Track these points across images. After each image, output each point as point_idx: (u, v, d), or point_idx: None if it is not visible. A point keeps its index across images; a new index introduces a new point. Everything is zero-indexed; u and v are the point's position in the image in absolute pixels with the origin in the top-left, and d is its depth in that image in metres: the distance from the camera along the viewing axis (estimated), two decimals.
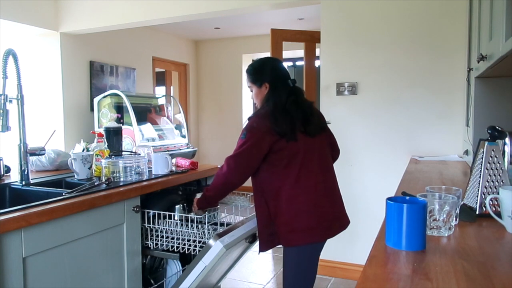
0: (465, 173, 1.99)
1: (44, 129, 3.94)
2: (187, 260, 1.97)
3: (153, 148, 2.42)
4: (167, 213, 1.88)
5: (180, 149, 4.23)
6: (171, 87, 6.01)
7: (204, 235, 1.92)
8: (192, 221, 1.87)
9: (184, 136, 4.53)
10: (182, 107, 4.89)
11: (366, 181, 2.96)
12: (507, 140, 1.41)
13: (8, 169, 2.07)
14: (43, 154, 2.01)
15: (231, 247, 1.67)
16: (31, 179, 1.88)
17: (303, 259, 1.77)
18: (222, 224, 2.06)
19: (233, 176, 1.71)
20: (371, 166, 2.94)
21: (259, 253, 1.82)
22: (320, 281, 2.96)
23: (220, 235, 1.67)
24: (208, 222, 2.01)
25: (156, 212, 1.88)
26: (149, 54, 5.24)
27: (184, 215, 1.88)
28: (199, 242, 1.88)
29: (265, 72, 1.83)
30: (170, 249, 1.88)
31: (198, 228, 1.91)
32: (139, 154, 2.19)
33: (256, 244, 1.84)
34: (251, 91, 1.88)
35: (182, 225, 1.88)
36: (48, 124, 4.03)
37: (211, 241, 1.65)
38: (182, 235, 1.92)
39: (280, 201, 1.71)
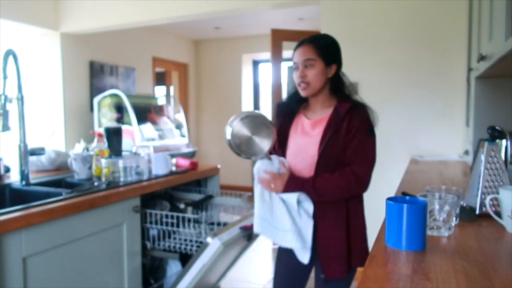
0: (465, 173, 1.99)
1: (44, 129, 3.94)
2: (187, 260, 1.97)
3: (153, 148, 2.42)
4: (165, 212, 1.88)
5: (180, 149, 4.23)
6: (171, 87, 6.01)
7: (201, 234, 1.92)
8: (189, 220, 1.87)
9: (184, 136, 4.53)
10: (182, 107, 4.88)
11: None
12: (507, 140, 1.41)
13: (8, 169, 2.07)
14: (43, 154, 2.01)
15: (228, 245, 1.68)
16: (31, 179, 1.88)
17: None
18: (219, 224, 2.06)
19: (364, 188, 1.39)
20: None
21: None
22: None
23: (217, 233, 1.67)
24: (205, 222, 2.02)
25: (155, 212, 1.88)
26: (149, 54, 5.24)
27: (181, 215, 1.88)
28: (196, 242, 1.88)
29: (338, 52, 1.47)
30: (171, 249, 1.89)
31: (195, 228, 1.91)
32: (139, 154, 2.19)
33: (254, 243, 1.75)
34: (309, 66, 1.39)
35: (179, 225, 1.88)
36: (48, 124, 4.03)
37: (208, 239, 1.66)
38: (179, 235, 1.93)
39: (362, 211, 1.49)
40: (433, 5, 2.71)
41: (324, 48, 1.41)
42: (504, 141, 1.40)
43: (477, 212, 1.17)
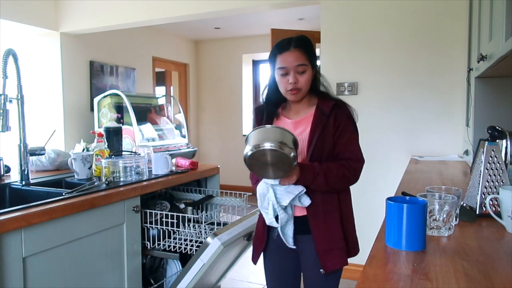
0: (465, 173, 1.99)
1: (44, 129, 3.94)
2: (187, 260, 1.97)
3: (153, 148, 2.42)
4: (165, 213, 1.88)
5: (180, 149, 4.23)
6: (171, 87, 6.01)
7: (201, 234, 1.92)
8: (189, 220, 1.87)
9: (184, 136, 4.53)
10: (182, 107, 4.88)
11: (366, 181, 2.95)
12: (507, 140, 1.41)
13: (8, 169, 2.07)
14: (43, 154, 2.01)
15: (228, 245, 1.68)
16: (31, 179, 1.88)
17: None
18: (219, 224, 2.07)
19: (355, 182, 1.42)
20: (371, 166, 2.94)
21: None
22: None
23: (217, 233, 1.68)
24: (205, 222, 2.02)
25: (155, 211, 1.88)
26: (149, 54, 5.24)
27: (181, 214, 1.88)
28: (196, 241, 1.88)
29: (315, 51, 1.48)
30: (171, 249, 1.89)
31: (196, 228, 1.91)
32: (139, 154, 2.19)
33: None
34: (301, 72, 1.38)
35: (179, 225, 1.88)
36: (48, 124, 4.02)
37: (208, 239, 1.66)
38: (179, 235, 1.93)
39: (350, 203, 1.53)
40: (433, 5, 2.71)
41: (312, 53, 1.42)
42: (504, 141, 1.40)
43: (477, 212, 1.17)
